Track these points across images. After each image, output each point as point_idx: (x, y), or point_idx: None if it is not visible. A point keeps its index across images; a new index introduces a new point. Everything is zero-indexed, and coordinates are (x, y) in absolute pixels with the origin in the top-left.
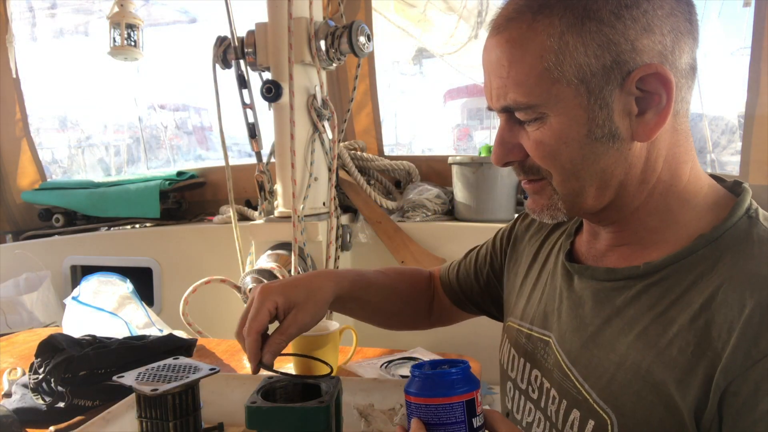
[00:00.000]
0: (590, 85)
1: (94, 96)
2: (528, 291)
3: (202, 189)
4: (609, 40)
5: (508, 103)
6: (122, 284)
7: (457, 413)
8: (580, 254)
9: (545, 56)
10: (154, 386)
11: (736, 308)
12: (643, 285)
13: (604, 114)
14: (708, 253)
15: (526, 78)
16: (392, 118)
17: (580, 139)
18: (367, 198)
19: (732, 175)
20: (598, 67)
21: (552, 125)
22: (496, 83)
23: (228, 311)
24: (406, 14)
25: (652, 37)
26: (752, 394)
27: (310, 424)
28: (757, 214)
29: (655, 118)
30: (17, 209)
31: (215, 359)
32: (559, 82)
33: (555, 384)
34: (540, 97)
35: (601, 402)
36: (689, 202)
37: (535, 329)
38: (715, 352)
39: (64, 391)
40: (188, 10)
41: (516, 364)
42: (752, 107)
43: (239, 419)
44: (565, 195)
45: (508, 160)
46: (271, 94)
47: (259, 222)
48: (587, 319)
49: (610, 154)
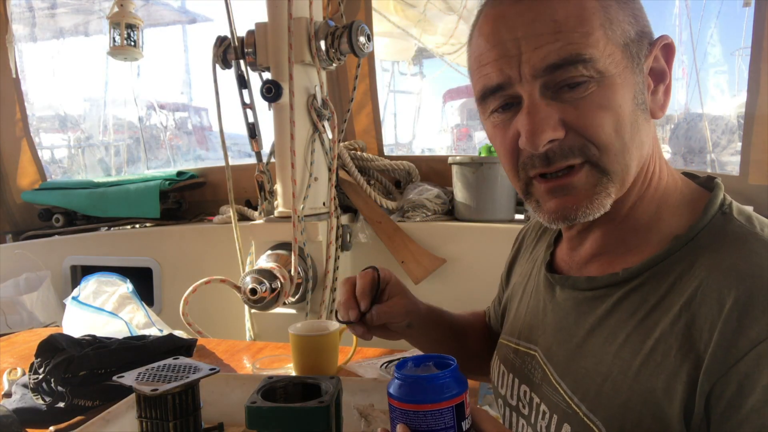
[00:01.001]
0: (631, 50)
1: (94, 96)
2: (515, 306)
3: (202, 189)
4: (635, 13)
5: (565, 55)
6: (122, 284)
7: (446, 419)
8: (562, 264)
9: (597, 13)
10: (154, 386)
11: (716, 308)
12: (623, 292)
13: (640, 81)
14: (684, 254)
15: (589, 26)
16: (392, 118)
17: (629, 103)
18: (367, 198)
19: (728, 174)
20: (634, 34)
21: (610, 86)
22: (538, 41)
23: (228, 311)
24: (406, 14)
25: (644, 13)
26: (736, 393)
27: (310, 424)
28: (730, 210)
29: (663, 95)
30: (17, 209)
31: (215, 359)
32: (612, 42)
33: (545, 399)
34: (600, 50)
35: (591, 415)
36: (666, 202)
37: (522, 343)
38: (697, 353)
39: (64, 391)
40: (188, 10)
41: (505, 381)
42: (752, 107)
43: (239, 419)
44: (617, 173)
45: (552, 137)
46: (271, 94)
47: (259, 222)
48: (572, 330)
49: (643, 126)
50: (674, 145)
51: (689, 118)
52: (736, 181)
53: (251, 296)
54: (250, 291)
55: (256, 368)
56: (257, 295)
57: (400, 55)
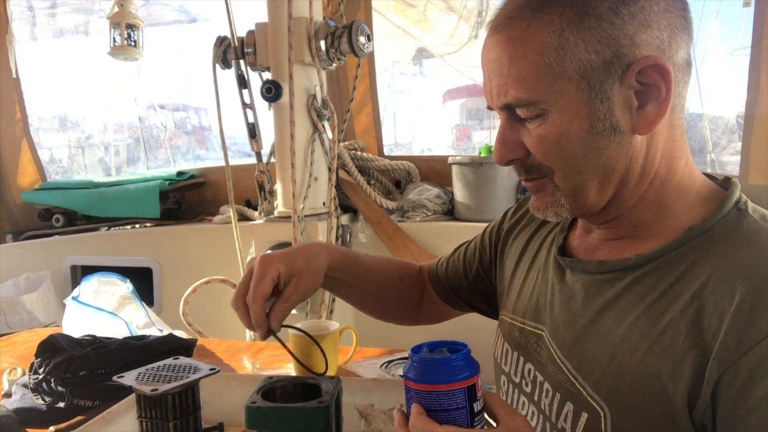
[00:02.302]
0: (591, 80)
1: (94, 96)
2: (519, 285)
3: (202, 189)
4: (608, 36)
5: (509, 101)
6: (122, 284)
7: (458, 399)
8: (572, 248)
9: (546, 53)
10: (154, 386)
11: (727, 297)
12: (634, 276)
13: (605, 108)
14: (698, 245)
15: (528, 75)
16: (392, 118)
17: (582, 133)
18: (367, 198)
19: (732, 174)
20: (599, 62)
21: (554, 121)
22: (496, 81)
23: (228, 311)
24: (406, 14)
25: (650, 32)
26: (746, 381)
27: (310, 424)
28: (746, 207)
29: (655, 110)
30: (17, 209)
31: (215, 359)
32: (560, 78)
33: (548, 377)
34: (541, 93)
35: (595, 395)
36: (683, 197)
37: (528, 323)
38: (705, 341)
39: (64, 391)
40: (188, 10)
41: (509, 358)
42: (752, 107)
43: (239, 419)
44: (568, 191)
45: (510, 158)
46: (271, 94)
47: (259, 222)
48: (579, 311)
49: (611, 147)
50: None
51: (689, 118)
52: None
53: None
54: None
55: (256, 368)
56: None
57: (400, 55)
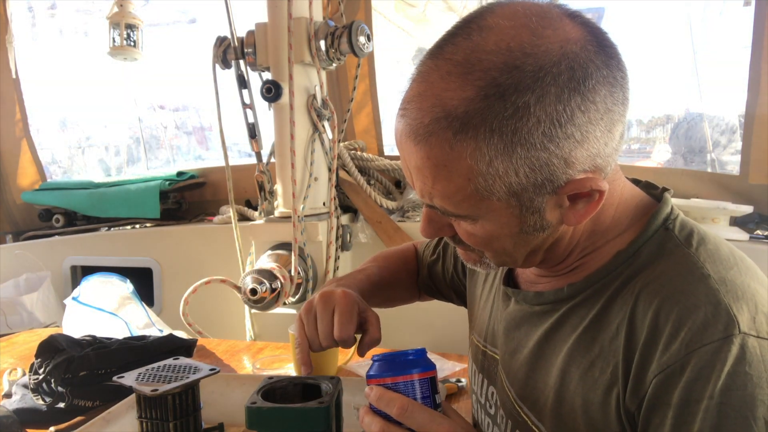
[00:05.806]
0: (521, 198)
1: (94, 96)
2: (481, 307)
3: (202, 189)
4: (541, 164)
5: (434, 205)
6: (122, 284)
7: (417, 389)
8: (517, 276)
9: (473, 179)
10: (154, 386)
11: (640, 328)
12: (567, 307)
13: (535, 217)
14: (624, 269)
15: (454, 194)
16: (392, 118)
17: (512, 234)
18: (367, 198)
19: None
20: (529, 184)
21: (483, 225)
22: (419, 185)
23: (228, 311)
24: (406, 14)
25: (586, 145)
26: (648, 414)
27: (310, 424)
28: (674, 225)
29: (585, 207)
30: (17, 209)
31: (215, 359)
32: (488, 199)
33: (503, 403)
34: (468, 210)
35: (540, 423)
36: (616, 226)
37: (489, 347)
38: (627, 372)
39: (64, 391)
40: (188, 10)
41: (477, 379)
42: (752, 107)
43: (239, 419)
44: (498, 264)
45: (439, 236)
46: (271, 94)
47: (259, 222)
48: (522, 341)
49: (540, 237)
50: (674, 144)
51: (689, 117)
52: (736, 181)
53: (251, 296)
54: (250, 291)
55: (256, 368)
56: (257, 296)
57: (400, 55)
